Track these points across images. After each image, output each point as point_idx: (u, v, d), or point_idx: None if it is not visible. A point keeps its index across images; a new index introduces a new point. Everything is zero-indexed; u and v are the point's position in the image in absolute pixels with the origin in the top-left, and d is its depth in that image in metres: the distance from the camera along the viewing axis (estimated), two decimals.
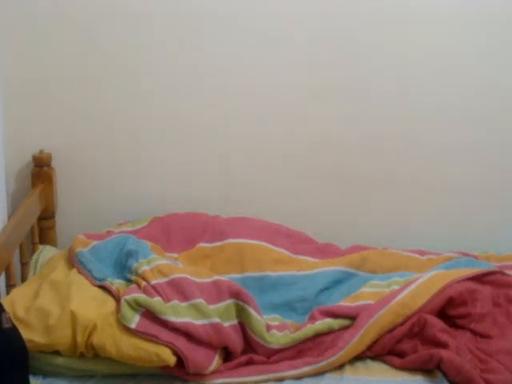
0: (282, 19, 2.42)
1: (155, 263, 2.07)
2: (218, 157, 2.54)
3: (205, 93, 2.48)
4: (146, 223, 2.41)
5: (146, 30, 2.41)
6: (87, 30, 2.39)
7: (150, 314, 1.89)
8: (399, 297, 2.05)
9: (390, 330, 1.99)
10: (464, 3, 2.44)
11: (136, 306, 1.90)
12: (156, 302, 1.91)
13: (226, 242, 2.34)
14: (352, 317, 2.04)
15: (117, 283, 2.03)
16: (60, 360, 1.87)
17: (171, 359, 1.82)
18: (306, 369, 1.91)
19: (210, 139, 2.52)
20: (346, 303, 2.11)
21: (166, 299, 1.94)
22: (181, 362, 1.85)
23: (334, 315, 2.06)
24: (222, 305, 1.99)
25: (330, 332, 2.02)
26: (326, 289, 2.26)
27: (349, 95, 2.50)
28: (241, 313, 1.99)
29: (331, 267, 2.31)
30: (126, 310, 1.89)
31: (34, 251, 2.36)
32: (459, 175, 2.58)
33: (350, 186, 2.58)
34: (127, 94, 2.46)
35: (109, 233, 2.35)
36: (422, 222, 2.62)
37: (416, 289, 2.07)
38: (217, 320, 1.93)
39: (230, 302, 2.00)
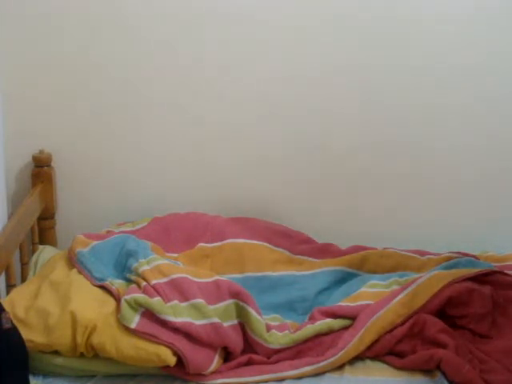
0: (283, 18, 2.43)
1: (155, 263, 2.07)
2: (218, 157, 2.54)
3: (205, 95, 2.47)
4: (146, 223, 2.41)
5: (146, 31, 2.41)
6: (87, 30, 2.39)
7: (150, 314, 1.89)
8: (399, 297, 2.06)
9: (390, 330, 1.99)
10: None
11: (136, 306, 1.90)
12: (156, 301, 1.91)
13: (226, 242, 2.34)
14: (352, 317, 2.04)
15: (117, 283, 2.03)
16: (60, 360, 1.87)
17: (171, 359, 1.82)
18: (306, 369, 1.91)
19: (210, 140, 2.52)
20: (345, 303, 2.11)
21: (166, 299, 1.94)
22: (181, 362, 1.85)
23: (334, 315, 2.06)
24: (221, 305, 1.99)
25: (330, 332, 2.02)
26: (326, 289, 2.26)
27: (349, 96, 2.50)
28: (241, 313, 1.99)
29: (331, 267, 2.32)
30: (126, 310, 1.88)
31: (33, 251, 2.36)
32: (459, 175, 2.58)
33: (350, 186, 2.58)
34: (127, 93, 2.46)
35: (109, 233, 2.34)
36: (421, 222, 2.61)
37: (416, 289, 2.07)
38: (217, 320, 1.93)
39: (230, 302, 2.00)
